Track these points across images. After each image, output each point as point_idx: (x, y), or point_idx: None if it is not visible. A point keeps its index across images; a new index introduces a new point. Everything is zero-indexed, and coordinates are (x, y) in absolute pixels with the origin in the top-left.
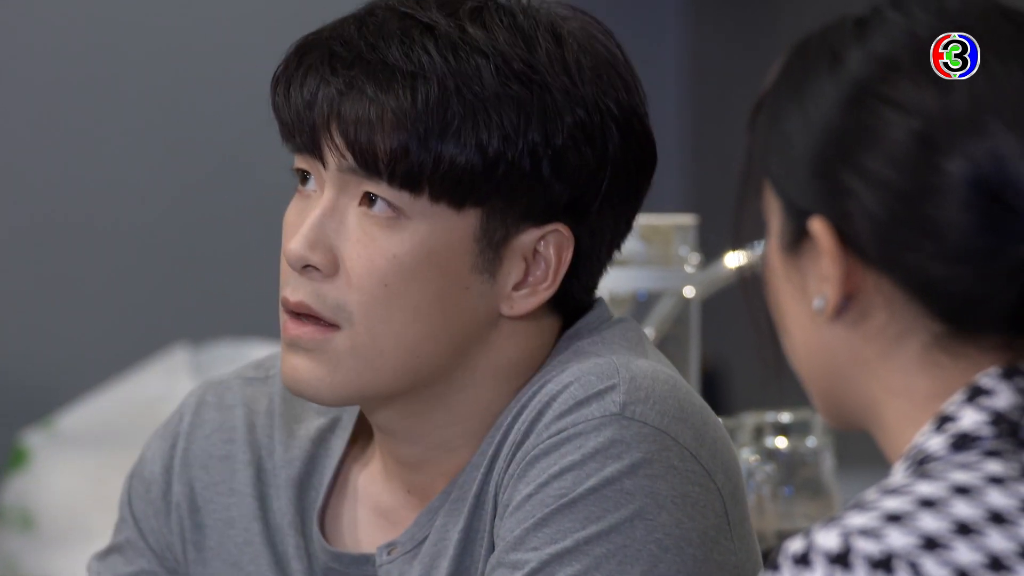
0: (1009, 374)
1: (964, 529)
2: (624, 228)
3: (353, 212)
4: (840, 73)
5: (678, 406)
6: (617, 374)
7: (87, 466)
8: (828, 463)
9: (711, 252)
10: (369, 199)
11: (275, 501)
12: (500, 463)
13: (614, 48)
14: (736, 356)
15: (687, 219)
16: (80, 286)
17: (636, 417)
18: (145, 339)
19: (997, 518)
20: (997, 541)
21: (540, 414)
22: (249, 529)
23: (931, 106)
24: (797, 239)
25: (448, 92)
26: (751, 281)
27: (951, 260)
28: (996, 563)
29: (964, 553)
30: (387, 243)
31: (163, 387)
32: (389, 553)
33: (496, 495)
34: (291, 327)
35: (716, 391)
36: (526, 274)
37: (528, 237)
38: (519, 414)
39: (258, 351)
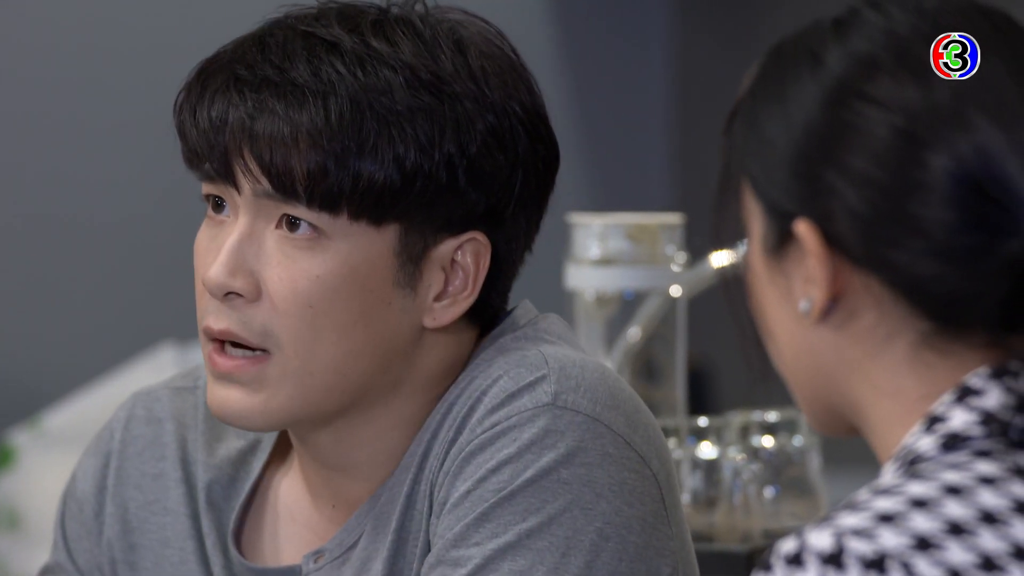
0: (998, 373)
1: (956, 529)
2: (534, 230)
3: (271, 235)
4: (820, 73)
5: (609, 393)
6: (546, 364)
7: (74, 465)
8: (815, 462)
9: (698, 251)
10: (288, 222)
11: (204, 520)
12: (432, 462)
13: (510, 51)
14: (723, 355)
15: (674, 218)
16: (66, 285)
17: (568, 406)
18: (132, 338)
19: (989, 518)
20: (989, 541)
21: (471, 410)
22: (184, 548)
23: (913, 102)
24: (780, 242)
25: (361, 107)
26: (733, 283)
27: (938, 257)
28: (988, 563)
29: (956, 553)
30: (308, 264)
31: None
32: (316, 561)
33: (430, 494)
34: (220, 361)
35: (703, 390)
36: (446, 284)
37: (446, 247)
38: (448, 412)
39: None
